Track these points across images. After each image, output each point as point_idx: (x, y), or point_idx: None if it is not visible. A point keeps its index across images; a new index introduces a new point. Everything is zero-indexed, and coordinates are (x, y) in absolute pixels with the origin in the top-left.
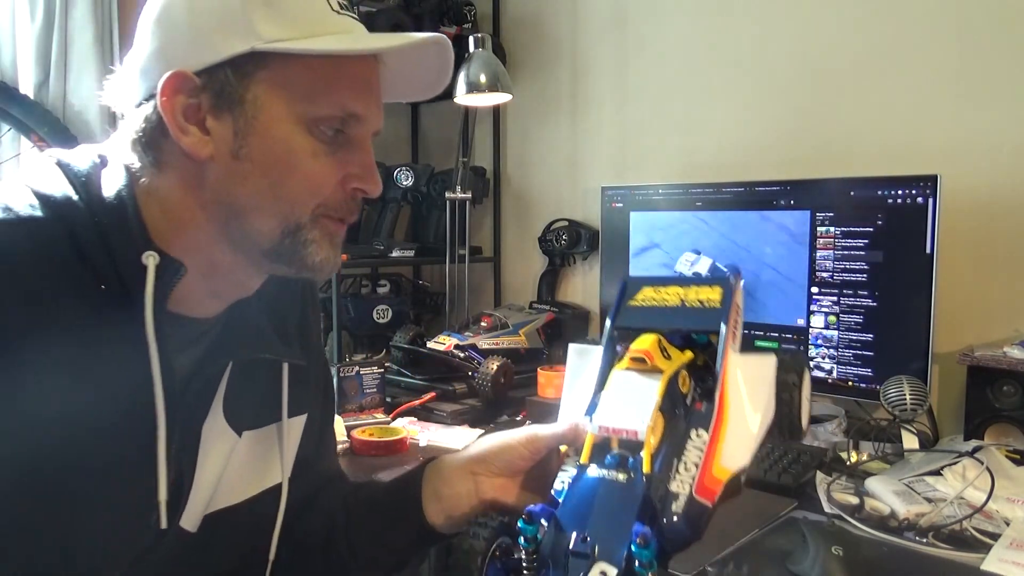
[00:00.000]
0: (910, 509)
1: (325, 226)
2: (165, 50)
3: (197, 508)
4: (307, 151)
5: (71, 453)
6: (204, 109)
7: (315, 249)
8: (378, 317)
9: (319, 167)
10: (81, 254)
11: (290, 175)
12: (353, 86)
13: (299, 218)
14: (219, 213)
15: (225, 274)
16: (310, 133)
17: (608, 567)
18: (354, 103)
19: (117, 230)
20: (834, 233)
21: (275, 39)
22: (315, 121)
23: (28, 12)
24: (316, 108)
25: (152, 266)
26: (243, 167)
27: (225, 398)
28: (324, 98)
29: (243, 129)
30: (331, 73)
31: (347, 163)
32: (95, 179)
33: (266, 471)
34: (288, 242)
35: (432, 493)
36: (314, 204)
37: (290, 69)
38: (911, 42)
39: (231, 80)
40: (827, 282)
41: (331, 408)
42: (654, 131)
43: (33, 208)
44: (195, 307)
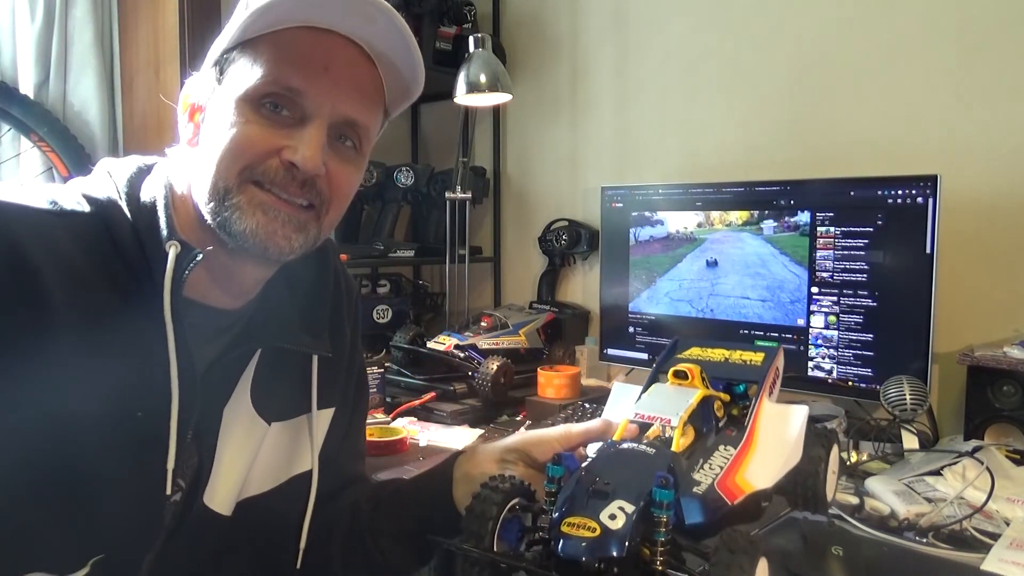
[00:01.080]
0: (910, 509)
1: (255, 194)
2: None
3: (227, 493)
4: (239, 121)
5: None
6: (197, 107)
7: (240, 216)
8: (378, 317)
9: (245, 132)
10: (116, 245)
11: (220, 142)
12: (294, 63)
13: (226, 182)
14: (192, 196)
15: (216, 262)
16: (249, 108)
17: (626, 504)
18: (291, 77)
19: (148, 225)
20: (834, 233)
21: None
22: (254, 97)
23: (28, 12)
24: (253, 85)
25: (172, 254)
26: (198, 150)
27: (253, 388)
28: (262, 74)
29: (207, 116)
30: (272, 53)
31: (287, 137)
32: (137, 183)
33: (295, 459)
34: (219, 208)
35: (462, 476)
36: (239, 167)
37: (243, 58)
38: (911, 42)
39: (212, 80)
40: (827, 282)
41: (363, 408)
42: (654, 131)
43: (78, 204)
44: (213, 298)
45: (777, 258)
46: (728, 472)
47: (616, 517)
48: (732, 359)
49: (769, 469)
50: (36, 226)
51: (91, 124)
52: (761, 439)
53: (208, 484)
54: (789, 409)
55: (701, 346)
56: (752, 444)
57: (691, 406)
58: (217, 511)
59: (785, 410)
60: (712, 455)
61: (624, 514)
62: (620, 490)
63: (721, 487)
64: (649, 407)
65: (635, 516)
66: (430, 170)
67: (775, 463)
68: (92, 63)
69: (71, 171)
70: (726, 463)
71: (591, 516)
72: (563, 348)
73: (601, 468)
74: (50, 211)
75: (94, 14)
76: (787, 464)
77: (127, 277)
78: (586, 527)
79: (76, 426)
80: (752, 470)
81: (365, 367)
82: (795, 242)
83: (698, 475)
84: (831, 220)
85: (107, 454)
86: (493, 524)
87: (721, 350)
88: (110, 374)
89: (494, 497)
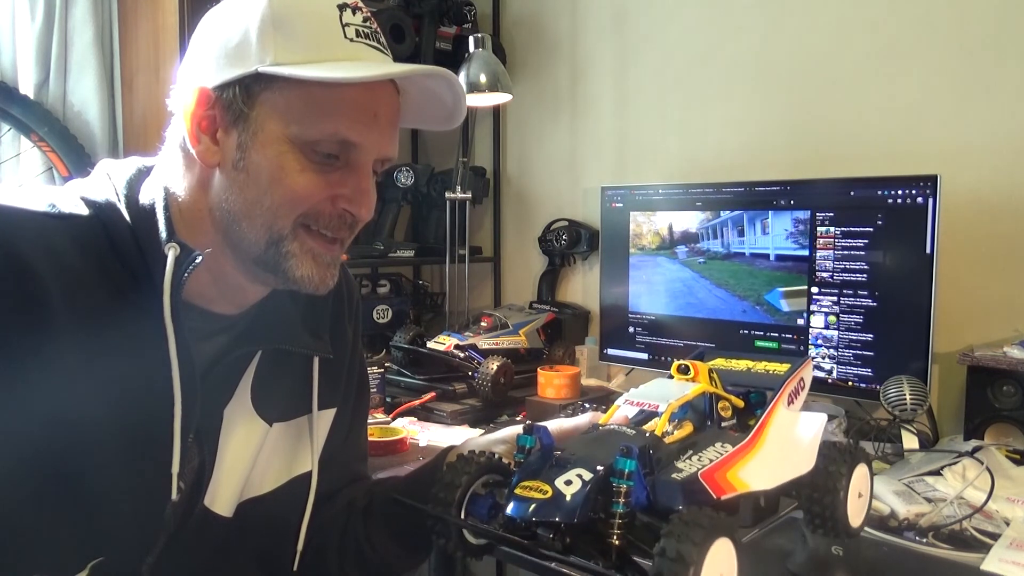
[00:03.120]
0: (910, 509)
1: (305, 241)
2: (197, 65)
3: (229, 493)
4: (295, 168)
5: (95, 429)
6: (217, 122)
7: (295, 263)
8: (378, 317)
9: (303, 182)
10: (115, 248)
11: (276, 187)
12: (350, 114)
13: (281, 229)
14: (221, 218)
15: (227, 276)
16: (302, 153)
17: (584, 471)
18: (349, 131)
19: (147, 227)
20: (834, 233)
21: (280, 63)
22: (309, 144)
23: (28, 12)
24: (308, 132)
25: (172, 256)
26: (240, 177)
27: (254, 389)
28: (317, 124)
29: (245, 143)
30: (327, 100)
31: (340, 184)
32: (136, 185)
33: (295, 460)
34: (272, 252)
35: None
36: (295, 215)
37: (290, 92)
38: (911, 42)
39: (239, 98)
40: (827, 282)
41: (363, 409)
42: (654, 131)
43: (77, 207)
44: (214, 303)
45: (699, 282)
46: (719, 466)
47: (572, 483)
48: (755, 369)
49: (770, 472)
50: (35, 230)
51: (91, 124)
52: (768, 442)
53: (209, 486)
54: (806, 415)
55: (727, 357)
56: (756, 445)
57: (684, 397)
58: (218, 513)
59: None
60: (705, 449)
61: (580, 480)
62: (580, 461)
63: (707, 479)
64: (641, 395)
65: (591, 484)
66: (430, 170)
67: (778, 467)
68: (92, 63)
69: (71, 171)
70: (718, 458)
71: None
72: (563, 348)
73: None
74: (48, 214)
75: (94, 14)
76: (795, 470)
77: (126, 279)
78: (538, 490)
79: (77, 429)
80: (750, 470)
81: (366, 368)
82: (718, 267)
83: (682, 463)
84: (831, 220)
85: (109, 457)
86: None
87: (747, 361)
88: (110, 377)
89: (467, 467)
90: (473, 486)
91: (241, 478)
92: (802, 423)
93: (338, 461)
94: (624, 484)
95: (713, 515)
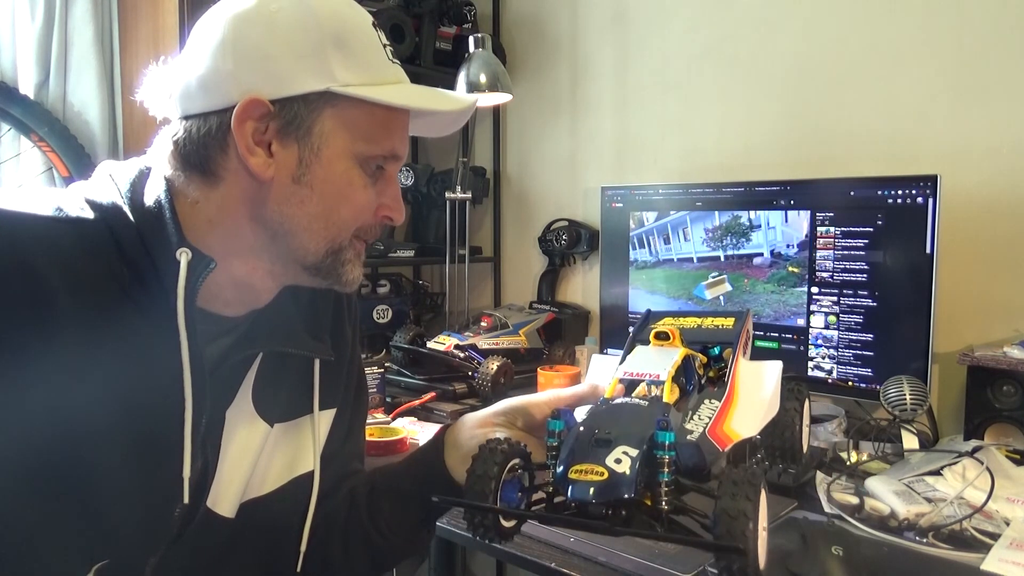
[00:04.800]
0: (910, 509)
1: (356, 247)
2: (239, 74)
3: (231, 494)
4: (360, 184)
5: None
6: (271, 134)
7: (350, 267)
8: (378, 317)
9: (365, 197)
10: (121, 251)
11: (343, 204)
12: (399, 132)
13: (343, 240)
14: (268, 228)
15: (242, 282)
16: (361, 168)
17: (629, 448)
18: (399, 146)
19: (154, 231)
20: (834, 233)
21: (347, 83)
22: (367, 159)
23: (28, 12)
24: (372, 148)
25: (184, 261)
26: (302, 192)
27: (255, 390)
28: (379, 141)
29: (307, 158)
30: (387, 119)
31: (382, 193)
32: (140, 187)
33: (297, 460)
34: (330, 261)
35: (453, 444)
36: (354, 227)
37: (356, 111)
38: (911, 42)
39: (301, 113)
40: (827, 282)
41: (362, 409)
42: (654, 131)
43: (82, 210)
44: (218, 306)
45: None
46: (716, 422)
47: (621, 461)
48: (705, 325)
49: (752, 419)
50: (41, 234)
51: (91, 124)
52: (741, 393)
53: (212, 487)
54: (764, 365)
55: (673, 315)
56: (734, 397)
57: (677, 362)
58: (220, 513)
59: (760, 366)
60: (700, 408)
61: (629, 458)
62: (621, 438)
63: (712, 435)
64: (636, 366)
65: (639, 459)
66: (430, 170)
67: (757, 413)
68: (92, 63)
69: (71, 171)
70: (713, 414)
71: (597, 462)
72: (563, 348)
73: (600, 421)
74: (55, 218)
75: (94, 14)
76: (768, 415)
77: (134, 283)
78: (594, 472)
79: (85, 434)
80: (737, 420)
81: (364, 368)
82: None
83: (689, 425)
84: (831, 220)
85: (118, 461)
86: (496, 483)
87: (693, 318)
88: (119, 381)
89: (494, 457)
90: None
91: (243, 479)
92: (763, 372)
93: (338, 461)
94: (667, 455)
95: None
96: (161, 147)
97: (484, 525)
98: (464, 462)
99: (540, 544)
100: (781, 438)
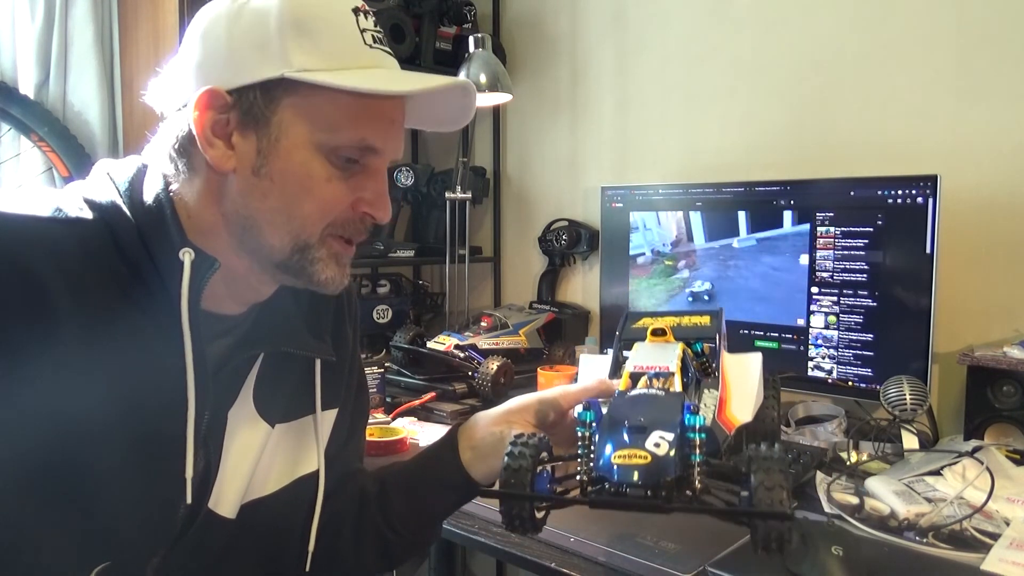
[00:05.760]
0: (910, 509)
1: (331, 246)
2: (203, 65)
3: (232, 495)
4: (322, 176)
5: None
6: (232, 125)
7: (321, 267)
8: (378, 317)
9: (331, 191)
10: (122, 251)
11: (304, 197)
12: (374, 122)
13: (308, 237)
14: (236, 223)
15: (240, 279)
16: (327, 160)
17: (665, 433)
18: (373, 137)
19: (155, 231)
20: (834, 233)
21: (305, 68)
22: (333, 150)
23: (28, 12)
24: (336, 138)
25: (188, 262)
26: (262, 184)
27: (256, 390)
28: (344, 130)
29: (266, 149)
30: (354, 108)
31: (360, 188)
32: (138, 185)
33: (299, 460)
34: (297, 258)
35: (467, 441)
36: (323, 225)
37: (316, 99)
38: (911, 42)
39: (259, 102)
40: (827, 282)
41: (364, 409)
42: (654, 131)
43: (81, 211)
44: (219, 304)
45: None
46: (720, 409)
47: (660, 445)
48: (684, 323)
49: (746, 406)
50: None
51: (91, 124)
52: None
53: (213, 488)
54: (747, 357)
55: (651, 315)
56: (728, 387)
57: (680, 355)
58: (221, 514)
59: (744, 358)
60: (704, 397)
61: (666, 442)
62: (655, 424)
63: (719, 420)
64: (644, 360)
65: (676, 443)
66: (430, 170)
67: (748, 401)
68: (92, 63)
69: (71, 171)
70: (716, 402)
71: (638, 447)
72: (563, 348)
73: (626, 411)
74: (54, 219)
75: (94, 14)
76: (757, 402)
77: (135, 283)
78: (637, 456)
79: (86, 435)
80: (735, 407)
81: (364, 369)
82: None
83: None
84: (831, 220)
85: (120, 463)
86: (532, 476)
87: (671, 317)
88: (120, 382)
89: (526, 452)
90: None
91: (244, 480)
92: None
93: (340, 460)
94: (698, 437)
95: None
96: (157, 142)
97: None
98: (480, 459)
99: (540, 544)
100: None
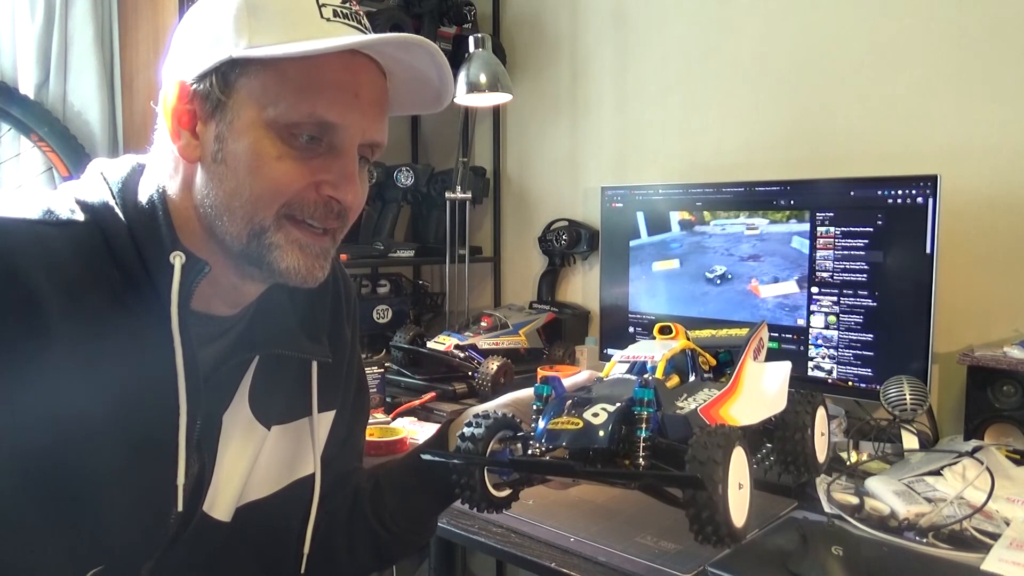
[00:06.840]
0: (910, 509)
1: (289, 231)
2: (174, 61)
3: (227, 498)
4: (272, 155)
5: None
6: (196, 115)
7: (280, 255)
8: (378, 317)
9: (283, 169)
10: (113, 253)
11: (254, 177)
12: (329, 94)
13: (262, 220)
14: (204, 214)
15: (221, 276)
16: (279, 138)
17: (607, 404)
18: (328, 111)
19: (147, 233)
20: (834, 233)
21: (253, 46)
22: (286, 127)
23: (28, 12)
24: (285, 114)
25: (178, 265)
26: (219, 169)
27: (252, 393)
28: (294, 105)
29: (222, 134)
30: (303, 79)
31: (323, 170)
32: (132, 186)
33: (296, 463)
34: (254, 244)
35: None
36: (277, 205)
37: (265, 75)
38: (911, 42)
39: (216, 88)
40: (827, 282)
41: (363, 410)
42: (654, 131)
43: (73, 213)
44: (211, 306)
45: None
46: (712, 404)
47: (599, 415)
48: (718, 335)
49: (752, 410)
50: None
51: (91, 124)
52: (746, 387)
53: (208, 492)
54: (772, 364)
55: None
56: (737, 389)
57: (674, 349)
58: (216, 518)
59: (768, 365)
60: (696, 393)
61: (606, 412)
62: (601, 399)
63: (704, 413)
64: (635, 351)
65: (616, 413)
66: (430, 170)
67: (758, 406)
68: (92, 63)
69: (71, 171)
70: (710, 398)
71: (573, 416)
72: (563, 348)
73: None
74: (44, 222)
75: (94, 14)
76: (770, 409)
77: (126, 285)
78: (570, 423)
79: (79, 439)
80: (737, 408)
81: (364, 369)
82: None
83: (681, 403)
84: (831, 220)
85: (112, 467)
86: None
87: (708, 331)
88: (112, 385)
89: (478, 432)
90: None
91: (239, 483)
92: (771, 371)
93: (337, 462)
94: (645, 411)
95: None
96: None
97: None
98: None
99: (540, 544)
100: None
